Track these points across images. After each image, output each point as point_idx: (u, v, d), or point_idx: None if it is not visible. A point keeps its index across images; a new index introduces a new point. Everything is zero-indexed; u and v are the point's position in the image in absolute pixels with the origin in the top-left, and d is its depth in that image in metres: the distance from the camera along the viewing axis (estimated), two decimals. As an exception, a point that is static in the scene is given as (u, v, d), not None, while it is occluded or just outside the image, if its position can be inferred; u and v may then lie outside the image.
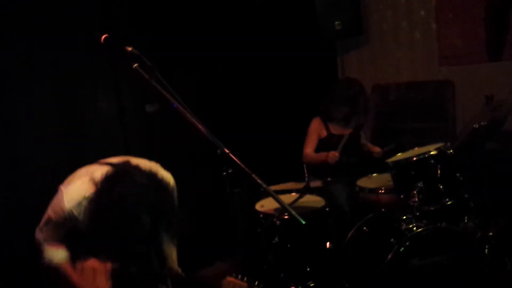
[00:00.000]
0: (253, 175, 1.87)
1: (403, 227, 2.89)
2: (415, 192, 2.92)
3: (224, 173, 1.94)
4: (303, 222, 1.78)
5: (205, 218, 3.90)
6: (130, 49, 2.11)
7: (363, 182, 3.55)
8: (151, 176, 1.82)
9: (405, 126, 4.77)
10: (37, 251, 1.93)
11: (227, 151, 1.91)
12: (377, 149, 3.96)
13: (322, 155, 3.72)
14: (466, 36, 4.42)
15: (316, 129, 3.89)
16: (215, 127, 2.03)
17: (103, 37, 2.18)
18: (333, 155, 3.60)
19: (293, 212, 1.81)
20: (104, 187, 1.73)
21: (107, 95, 3.28)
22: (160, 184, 1.83)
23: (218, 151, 1.92)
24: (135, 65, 2.10)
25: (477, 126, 3.11)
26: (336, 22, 4.65)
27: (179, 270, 2.06)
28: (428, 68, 4.69)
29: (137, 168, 1.82)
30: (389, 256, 2.70)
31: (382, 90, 4.96)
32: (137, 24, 3.54)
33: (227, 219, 3.90)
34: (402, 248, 2.71)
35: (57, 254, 1.89)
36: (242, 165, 1.88)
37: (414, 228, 2.83)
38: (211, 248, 3.87)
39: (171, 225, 1.85)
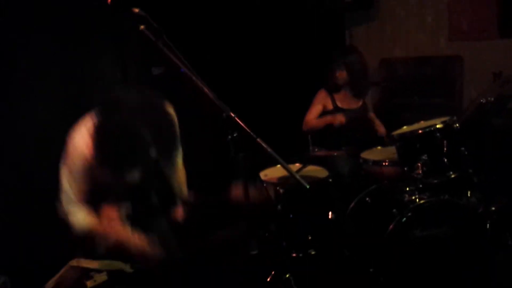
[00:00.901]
0: (258, 140, 1.88)
1: (406, 198, 2.90)
2: (419, 164, 2.91)
3: (229, 137, 1.95)
4: (307, 186, 1.79)
5: (207, 183, 3.91)
6: (137, 10, 2.09)
7: (367, 154, 3.54)
8: (144, 96, 2.00)
9: (412, 101, 4.73)
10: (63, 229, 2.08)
11: (233, 115, 1.92)
12: (382, 130, 3.94)
13: (326, 118, 3.71)
14: (477, 11, 4.34)
15: (321, 100, 3.87)
16: (220, 94, 2.03)
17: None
18: (340, 118, 3.60)
19: (297, 176, 1.82)
20: (101, 114, 1.93)
21: (112, 59, 3.27)
22: (153, 101, 2.02)
23: (224, 114, 1.93)
24: (142, 27, 2.10)
25: (484, 101, 3.08)
26: (346, -5, 4.59)
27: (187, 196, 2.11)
28: (437, 42, 4.63)
29: (129, 93, 2.00)
30: (391, 226, 2.72)
31: (390, 64, 4.91)
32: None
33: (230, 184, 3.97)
34: (404, 219, 2.73)
35: (83, 218, 2.09)
36: (248, 129, 1.89)
37: (417, 200, 2.84)
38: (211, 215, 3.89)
39: (173, 146, 2.00)
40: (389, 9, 4.90)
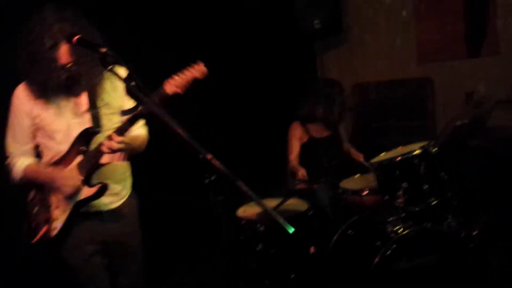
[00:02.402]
0: (238, 182, 1.78)
1: (389, 229, 2.83)
2: (400, 192, 2.86)
3: (207, 180, 1.86)
4: (291, 231, 1.70)
5: (186, 225, 3.79)
6: (104, 50, 2.00)
7: (346, 184, 3.48)
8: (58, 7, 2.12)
9: (386, 125, 4.76)
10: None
11: (210, 156, 1.83)
12: (359, 157, 3.88)
13: (296, 169, 3.58)
14: (445, 32, 4.42)
15: (296, 134, 3.80)
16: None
17: (75, 38, 2.07)
18: (302, 173, 3.47)
19: (281, 220, 1.73)
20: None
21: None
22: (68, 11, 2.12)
23: (200, 156, 1.84)
24: (110, 67, 2.01)
25: (460, 123, 3.08)
26: (315, 21, 4.59)
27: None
28: (407, 65, 4.68)
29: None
30: (376, 260, 2.64)
31: (362, 89, 4.93)
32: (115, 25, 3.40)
33: (208, 226, 3.86)
34: (389, 251, 2.65)
35: (22, 163, 2.26)
36: (227, 172, 1.79)
37: (400, 230, 2.77)
38: (193, 254, 3.77)
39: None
40: (358, 34, 4.94)
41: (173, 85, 2.14)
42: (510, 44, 4.11)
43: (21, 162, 2.26)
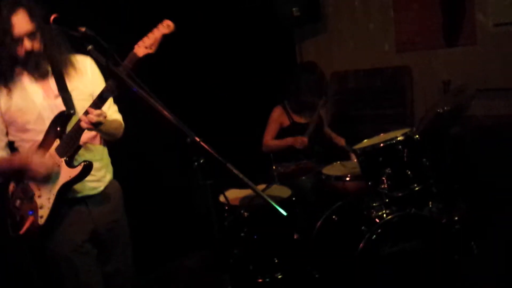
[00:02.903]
0: (228, 165, 1.73)
1: (373, 214, 2.84)
2: (383, 178, 2.86)
3: (196, 163, 1.80)
4: (285, 214, 1.66)
5: (170, 211, 3.73)
6: (83, 29, 1.93)
7: (328, 170, 3.47)
8: None
9: (365, 113, 4.77)
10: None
11: (198, 139, 1.77)
12: (341, 141, 3.90)
13: (287, 140, 3.65)
14: (423, 21, 4.43)
15: (278, 118, 3.79)
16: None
17: (52, 17, 1.98)
18: (302, 140, 3.54)
19: (274, 204, 1.69)
20: None
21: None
22: None
23: (188, 139, 1.78)
24: (90, 47, 1.94)
25: (441, 110, 3.08)
26: (294, 9, 4.55)
27: None
28: (385, 54, 4.69)
29: None
30: (361, 245, 2.64)
31: (341, 77, 4.92)
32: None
33: (192, 211, 3.80)
34: (374, 236, 2.65)
35: None
36: (216, 154, 1.74)
37: (385, 215, 2.78)
38: (177, 242, 3.72)
39: None
40: (336, 22, 4.92)
41: (143, 46, 2.05)
42: (486, 35, 4.16)
43: None
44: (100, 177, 2.29)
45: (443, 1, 4.32)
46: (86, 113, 2.02)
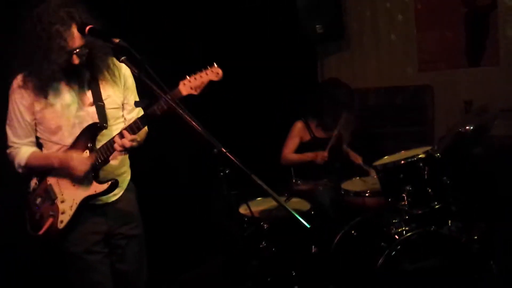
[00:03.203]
0: (252, 176, 1.77)
1: (393, 230, 2.84)
2: (404, 195, 2.87)
3: (222, 174, 1.85)
4: (308, 226, 1.70)
5: (187, 220, 3.78)
6: (117, 40, 1.99)
7: (347, 185, 3.49)
8: None
9: (385, 130, 4.78)
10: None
11: (225, 150, 1.82)
12: (358, 160, 3.91)
13: (307, 155, 3.67)
14: (446, 41, 4.46)
15: (298, 132, 3.82)
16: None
17: (87, 28, 2.05)
18: (322, 155, 3.56)
19: (297, 215, 1.72)
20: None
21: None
22: None
23: (215, 150, 1.83)
24: (123, 58, 2.00)
25: (462, 130, 3.10)
26: (318, 26, 4.62)
27: None
28: (407, 73, 4.71)
29: None
30: (381, 260, 2.64)
31: (362, 94, 4.94)
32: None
33: (209, 221, 3.84)
34: (394, 252, 2.66)
35: (27, 151, 2.21)
36: (242, 166, 1.79)
37: (404, 232, 2.78)
38: (196, 251, 3.75)
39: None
40: (359, 40, 4.97)
41: (189, 86, 2.12)
42: (509, 55, 4.17)
43: (26, 150, 2.22)
44: (121, 184, 2.34)
45: (467, 21, 4.35)
46: (121, 136, 2.09)
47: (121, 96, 2.31)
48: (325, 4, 4.64)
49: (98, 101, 2.21)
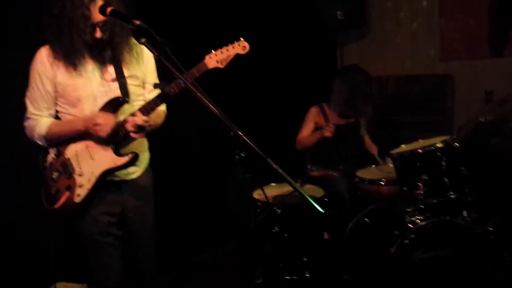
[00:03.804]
0: (268, 160, 1.79)
1: (407, 219, 2.84)
2: (419, 184, 2.86)
3: (237, 157, 1.87)
4: (322, 211, 1.71)
5: (200, 203, 3.82)
6: (138, 22, 1.99)
7: (362, 173, 3.49)
8: None
9: (403, 119, 4.75)
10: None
11: (241, 133, 1.83)
12: (373, 150, 3.88)
13: (316, 133, 3.65)
14: (469, 30, 4.38)
15: (313, 117, 3.82)
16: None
17: (109, 9, 2.08)
18: (329, 126, 3.53)
19: (312, 201, 1.74)
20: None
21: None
22: None
23: (231, 133, 1.84)
24: (143, 40, 2.01)
25: (483, 120, 3.06)
26: (339, 12, 4.58)
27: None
28: (428, 62, 4.65)
29: None
30: (393, 249, 2.65)
31: (381, 82, 4.90)
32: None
33: (221, 205, 3.88)
34: (407, 241, 2.66)
35: (46, 121, 2.22)
36: (257, 149, 1.80)
37: (418, 221, 2.78)
38: (207, 234, 3.80)
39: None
40: (381, 27, 4.91)
41: (215, 59, 2.16)
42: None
43: (46, 120, 2.24)
44: (139, 163, 2.37)
45: (491, 10, 4.26)
46: (134, 115, 2.13)
47: (142, 75, 2.34)
48: (347, -10, 4.59)
49: (120, 77, 2.24)
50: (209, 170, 3.90)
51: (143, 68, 2.34)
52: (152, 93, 2.37)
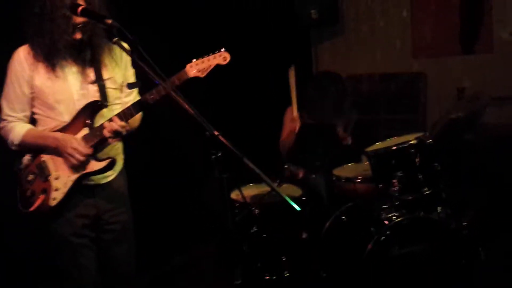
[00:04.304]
0: (244, 159, 1.78)
1: (383, 216, 2.87)
2: (394, 181, 2.89)
3: (213, 157, 1.85)
4: (299, 209, 1.71)
5: (178, 204, 3.79)
6: (110, 21, 1.97)
7: (339, 171, 3.49)
8: None
9: (378, 117, 4.80)
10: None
11: (217, 133, 1.82)
12: (347, 139, 3.85)
13: (285, 128, 3.63)
14: (440, 28, 4.46)
15: (290, 118, 3.80)
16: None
17: (80, 8, 2.04)
18: (294, 119, 3.48)
19: (288, 199, 1.73)
20: None
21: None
22: None
23: (207, 133, 1.83)
24: (115, 39, 1.98)
25: (454, 116, 3.12)
26: (313, 11, 4.60)
27: None
28: (401, 59, 4.72)
29: None
30: (370, 246, 2.67)
31: (355, 81, 4.95)
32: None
33: (202, 205, 3.85)
34: (383, 237, 2.68)
35: (22, 127, 2.18)
36: (233, 148, 1.79)
37: (394, 218, 2.81)
38: (186, 235, 3.77)
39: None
40: (354, 26, 4.96)
41: (195, 68, 2.15)
42: (503, 43, 4.18)
43: (21, 126, 2.19)
44: (114, 167, 2.32)
45: (461, 8, 4.35)
46: (111, 120, 2.10)
47: (121, 77, 2.31)
48: (321, -12, 4.61)
49: (99, 80, 2.20)
50: (190, 170, 3.88)
51: (122, 71, 2.31)
52: (129, 97, 2.35)
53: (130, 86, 2.18)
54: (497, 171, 3.71)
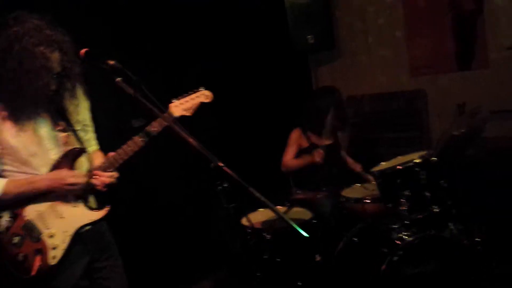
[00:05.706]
0: (250, 189, 1.80)
1: (394, 236, 2.86)
2: (402, 200, 2.90)
3: (219, 188, 1.87)
4: (306, 235, 1.72)
5: (189, 234, 3.78)
6: (112, 62, 2.02)
7: (347, 192, 3.50)
8: (42, 16, 2.02)
9: (381, 136, 4.82)
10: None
11: (221, 164, 1.85)
12: (357, 167, 3.93)
13: (305, 158, 3.68)
14: (435, 47, 4.52)
15: (296, 139, 3.85)
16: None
17: (83, 51, 2.09)
18: (318, 152, 3.56)
19: (295, 225, 1.75)
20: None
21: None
22: (51, 20, 2.03)
23: (212, 164, 1.85)
24: (118, 79, 2.03)
25: (456, 133, 3.13)
26: (309, 36, 4.67)
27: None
28: (400, 78, 4.76)
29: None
30: (383, 266, 2.66)
31: (357, 101, 4.99)
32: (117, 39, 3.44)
33: (211, 234, 3.85)
34: (396, 258, 2.67)
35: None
36: (239, 179, 1.81)
37: (406, 237, 2.80)
38: (196, 265, 3.76)
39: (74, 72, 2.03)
40: (350, 49, 5.03)
41: (181, 108, 2.19)
42: (498, 58, 4.22)
43: None
44: None
45: (454, 26, 4.40)
46: (100, 172, 2.08)
47: (82, 118, 2.27)
48: (316, 14, 4.68)
49: (69, 126, 2.18)
50: (196, 201, 3.89)
51: (82, 110, 2.26)
52: (88, 134, 2.31)
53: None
54: (499, 183, 3.68)
